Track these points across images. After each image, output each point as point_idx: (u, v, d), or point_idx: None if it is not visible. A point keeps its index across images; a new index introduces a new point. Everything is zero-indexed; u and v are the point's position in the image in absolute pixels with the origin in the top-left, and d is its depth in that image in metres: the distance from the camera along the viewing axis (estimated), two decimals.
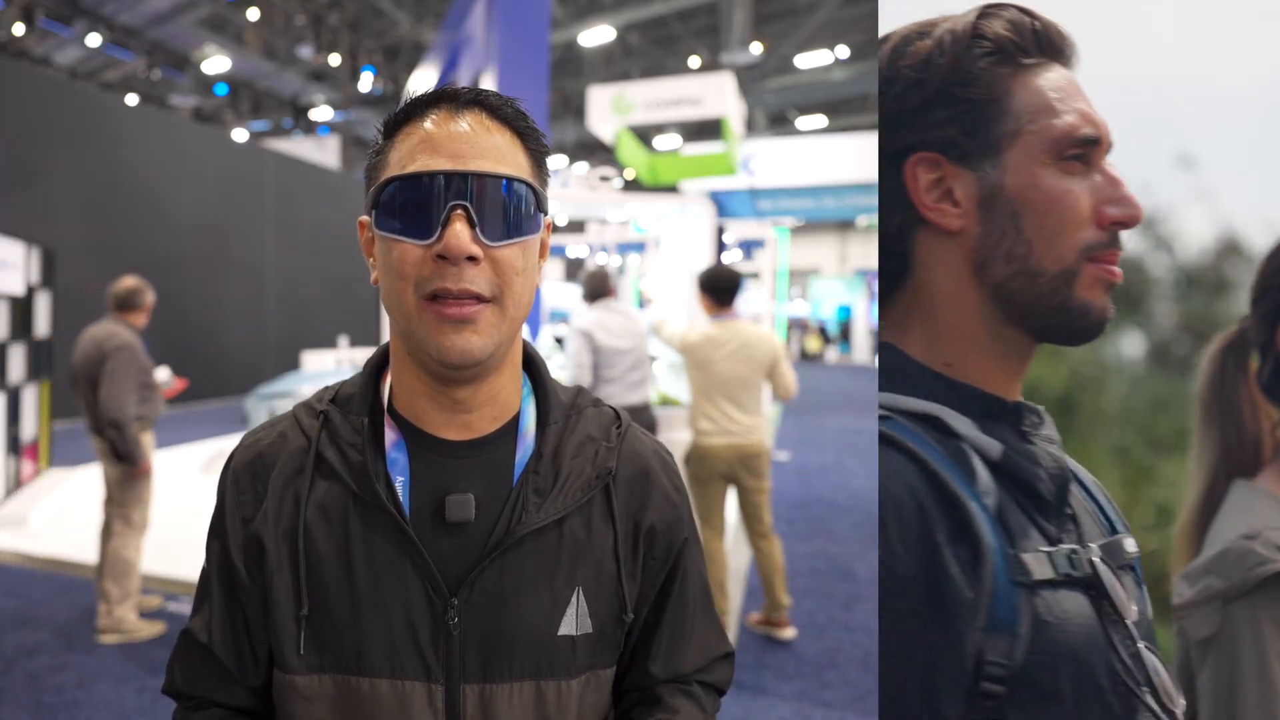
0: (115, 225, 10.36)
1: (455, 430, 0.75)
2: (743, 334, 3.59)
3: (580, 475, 0.76)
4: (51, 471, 6.38)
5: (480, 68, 6.54)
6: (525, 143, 0.73)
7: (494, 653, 0.71)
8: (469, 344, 0.68)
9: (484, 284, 0.67)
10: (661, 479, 0.82)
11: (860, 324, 27.89)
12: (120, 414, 3.38)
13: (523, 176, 0.71)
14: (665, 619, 0.81)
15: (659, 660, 0.80)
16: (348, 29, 15.89)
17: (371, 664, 0.70)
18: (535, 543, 0.73)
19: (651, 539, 0.79)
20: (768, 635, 3.75)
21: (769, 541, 3.65)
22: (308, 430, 0.76)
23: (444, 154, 0.68)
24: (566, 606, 0.74)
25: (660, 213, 7.00)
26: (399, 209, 0.68)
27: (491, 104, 0.72)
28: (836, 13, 15.09)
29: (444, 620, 0.71)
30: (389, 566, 0.71)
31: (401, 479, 0.73)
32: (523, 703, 0.72)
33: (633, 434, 0.83)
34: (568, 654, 0.73)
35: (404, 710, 0.70)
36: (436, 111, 0.71)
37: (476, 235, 0.67)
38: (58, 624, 3.73)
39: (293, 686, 0.71)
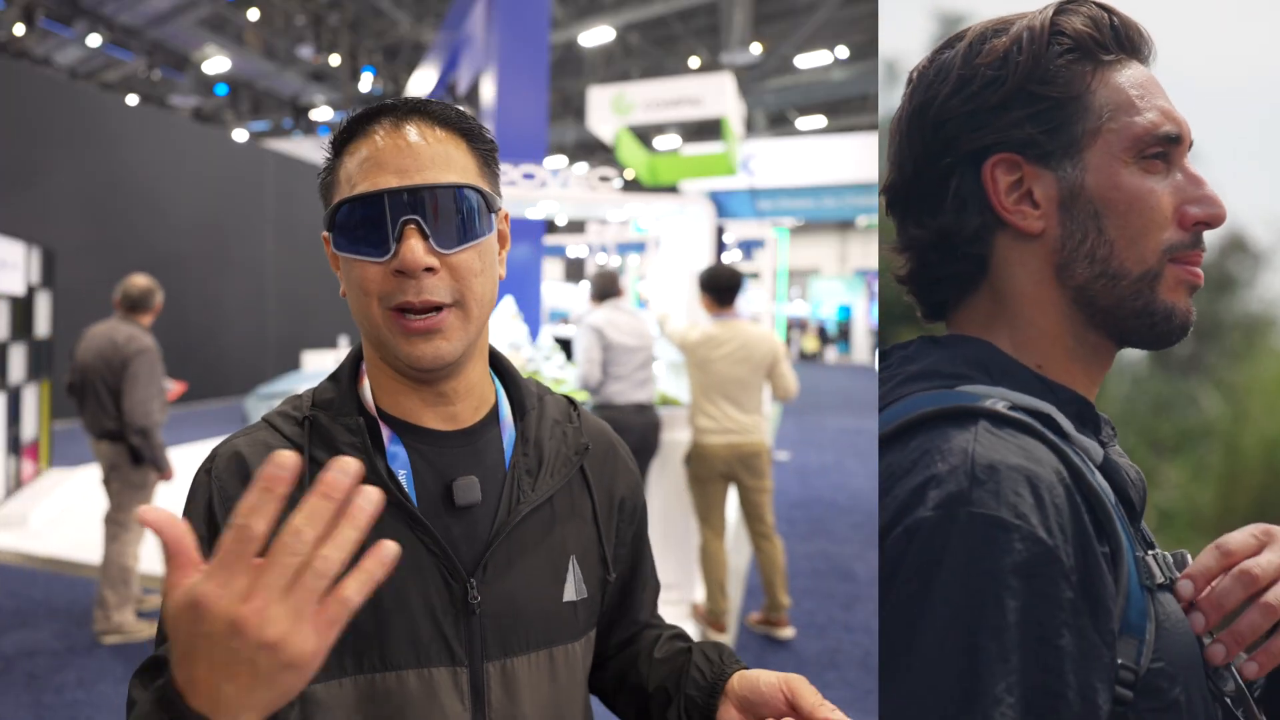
0: (115, 225, 10.36)
1: (443, 422, 0.78)
2: (743, 333, 3.59)
3: (559, 455, 0.82)
4: (51, 471, 6.38)
5: (480, 68, 6.54)
6: (470, 143, 0.76)
7: (511, 627, 0.75)
8: (439, 350, 0.71)
9: (444, 292, 0.70)
10: (621, 452, 0.91)
11: (860, 324, 27.89)
12: (147, 420, 3.35)
13: (469, 181, 0.73)
14: (641, 573, 0.91)
15: (645, 608, 0.92)
16: (348, 29, 15.89)
17: (396, 658, 0.71)
18: (534, 519, 0.78)
19: (622, 505, 0.88)
20: (767, 635, 3.76)
21: (770, 542, 3.65)
22: (293, 437, 0.75)
23: (390, 170, 0.70)
24: (566, 575, 0.80)
25: (660, 213, 7.00)
26: (353, 229, 0.70)
27: (432, 111, 0.74)
28: (836, 13, 15.09)
29: (465, 602, 0.73)
30: (403, 560, 0.71)
31: (404, 471, 0.75)
32: (539, 671, 0.76)
33: (585, 415, 0.90)
34: (572, 619, 0.79)
35: (431, 698, 0.71)
36: (379, 125, 0.73)
37: (431, 246, 0.69)
38: (58, 624, 3.73)
39: (312, 697, 0.70)
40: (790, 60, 17.15)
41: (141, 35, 15.57)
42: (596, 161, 21.22)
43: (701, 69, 17.30)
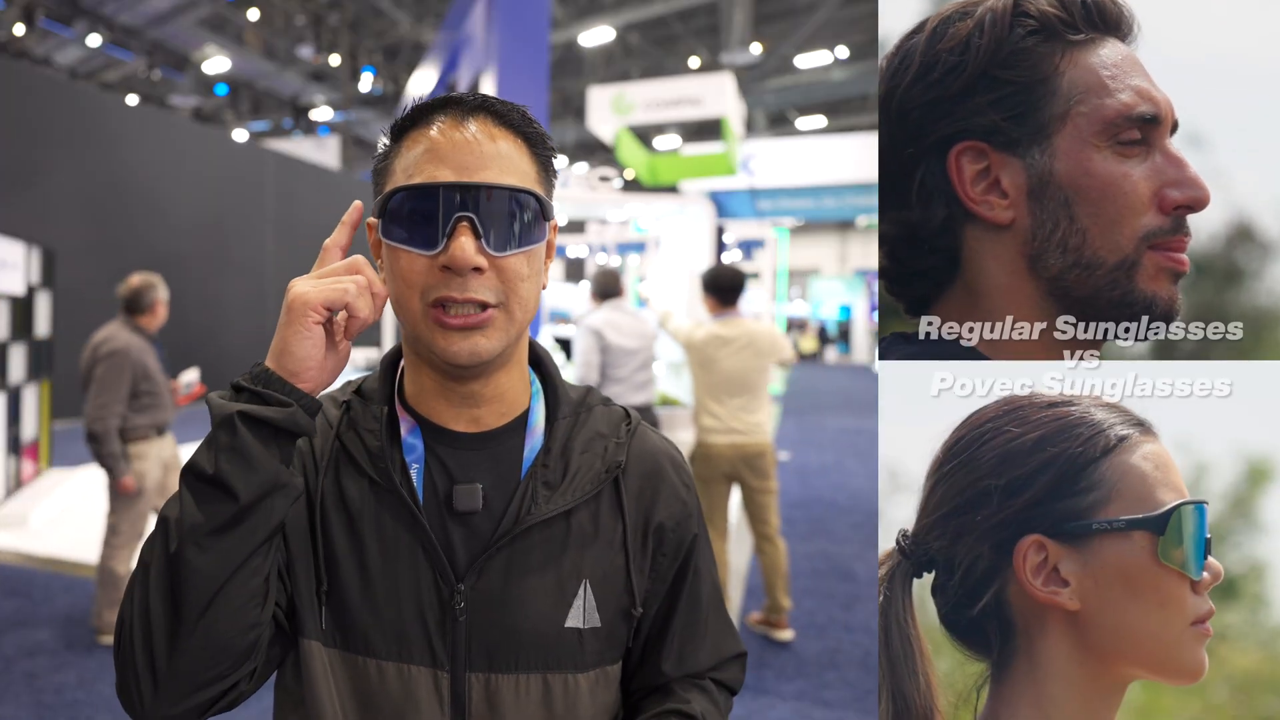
0: (115, 225, 10.35)
1: (464, 424, 0.77)
2: (748, 330, 3.60)
3: (589, 469, 0.77)
4: (51, 471, 6.38)
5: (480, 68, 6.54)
6: (531, 147, 0.74)
7: (500, 642, 0.72)
8: (476, 346, 0.69)
9: (490, 292, 0.69)
10: (671, 476, 0.82)
11: (860, 324, 27.87)
12: (98, 425, 3.22)
13: (528, 185, 0.71)
14: (677, 617, 0.81)
15: (671, 658, 0.81)
16: (348, 29, 15.88)
17: (379, 647, 0.72)
18: (543, 534, 0.75)
19: (661, 535, 0.80)
20: (766, 635, 3.75)
21: (773, 545, 3.64)
22: (330, 418, 0.79)
23: (449, 164, 0.68)
24: (573, 598, 0.74)
25: (660, 213, 7.00)
26: (405, 219, 0.69)
27: (497, 109, 0.72)
28: (836, 13, 15.08)
29: (451, 606, 0.72)
30: (400, 551, 0.73)
31: (417, 466, 0.75)
32: (530, 696, 0.72)
33: (643, 431, 0.84)
34: (575, 647, 0.74)
35: (410, 696, 0.71)
36: (442, 117, 0.71)
37: (482, 246, 0.68)
38: (58, 624, 3.72)
39: (319, 655, 0.73)
40: (790, 60, 17.14)
41: (141, 35, 15.56)
42: (596, 161, 21.21)
43: (701, 69, 17.28)
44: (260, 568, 0.65)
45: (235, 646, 0.64)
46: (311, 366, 0.67)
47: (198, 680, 0.63)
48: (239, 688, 0.67)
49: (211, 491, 0.62)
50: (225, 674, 0.65)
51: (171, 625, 0.62)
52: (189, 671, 0.63)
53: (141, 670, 0.63)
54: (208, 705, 0.65)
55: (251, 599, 0.64)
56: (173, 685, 0.62)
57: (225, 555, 0.62)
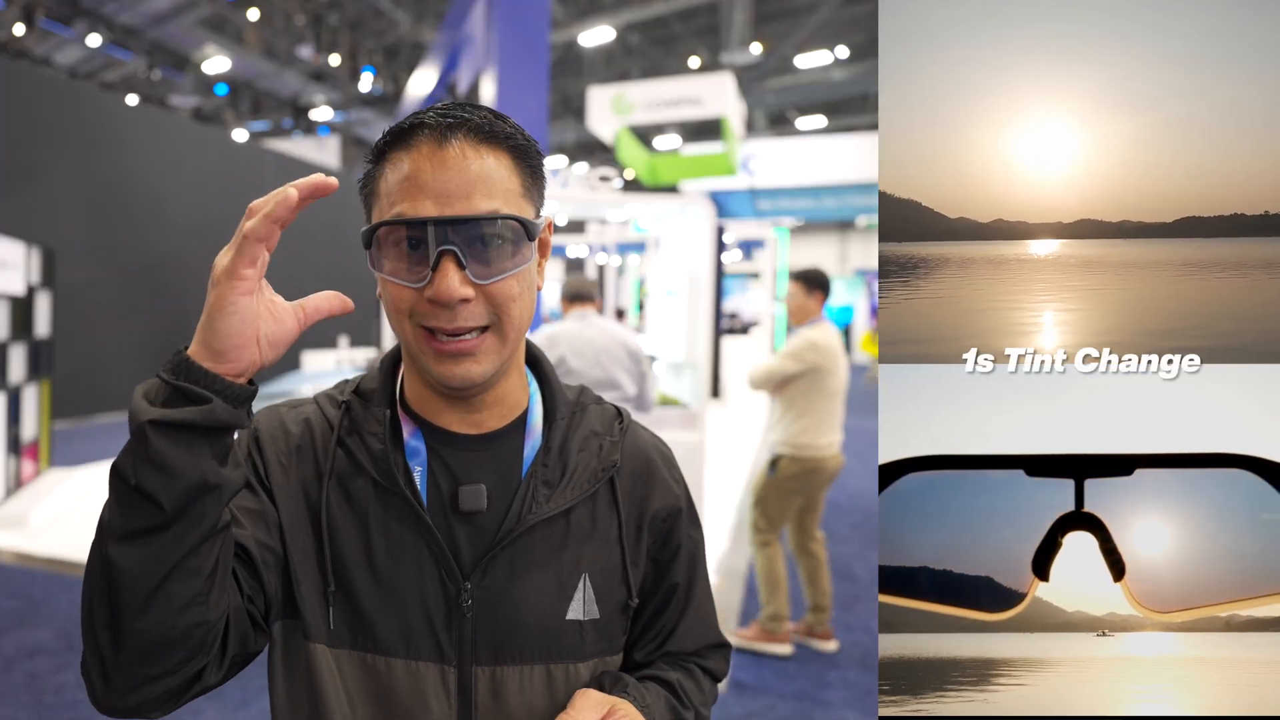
0: (115, 225, 10.35)
1: (466, 427, 0.78)
2: (835, 335, 3.54)
3: (586, 468, 0.79)
4: (51, 471, 6.38)
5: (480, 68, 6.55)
6: (515, 159, 0.72)
7: (505, 636, 0.75)
8: (469, 371, 0.71)
9: (479, 317, 0.70)
10: (662, 471, 0.85)
11: (860, 324, 27.87)
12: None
13: (511, 203, 0.70)
14: (667, 604, 0.85)
15: (657, 639, 0.85)
16: (348, 29, 15.88)
17: (387, 644, 0.73)
18: (544, 531, 0.77)
19: (654, 528, 0.83)
20: (809, 646, 3.65)
21: (822, 551, 3.67)
22: (330, 419, 0.79)
23: (430, 193, 0.68)
24: (574, 592, 0.77)
25: (660, 213, 7.00)
26: (391, 251, 0.69)
27: (477, 125, 0.70)
28: (836, 13, 15.08)
29: (458, 603, 0.74)
30: (406, 551, 0.74)
31: (420, 469, 0.76)
32: (534, 687, 0.75)
33: (634, 429, 0.86)
34: (576, 638, 0.77)
35: (418, 690, 0.73)
36: (422, 137, 0.70)
37: (467, 276, 0.68)
38: (58, 624, 3.73)
39: (325, 657, 0.73)
40: (790, 60, 17.14)
41: (141, 35, 15.57)
42: (596, 161, 21.22)
43: (701, 69, 17.29)
44: (200, 568, 0.62)
45: (182, 644, 0.63)
46: (241, 344, 0.61)
47: (144, 675, 0.62)
48: (203, 680, 0.66)
49: (135, 499, 0.59)
50: (174, 669, 0.63)
51: (112, 622, 0.61)
52: (133, 666, 0.62)
53: (92, 663, 0.63)
54: (166, 697, 0.64)
55: (195, 598, 0.62)
56: (120, 679, 0.62)
57: (156, 558, 0.60)
